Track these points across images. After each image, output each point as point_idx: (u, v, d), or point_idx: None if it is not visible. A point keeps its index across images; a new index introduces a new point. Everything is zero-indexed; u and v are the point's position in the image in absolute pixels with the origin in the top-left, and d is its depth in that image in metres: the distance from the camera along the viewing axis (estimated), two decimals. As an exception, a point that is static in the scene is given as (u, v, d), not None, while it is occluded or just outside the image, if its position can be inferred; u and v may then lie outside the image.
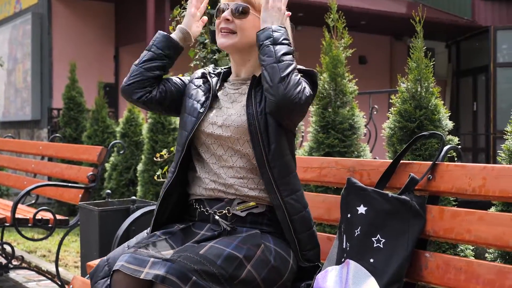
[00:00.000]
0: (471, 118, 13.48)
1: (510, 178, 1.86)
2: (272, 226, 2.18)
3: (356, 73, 12.56)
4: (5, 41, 11.34)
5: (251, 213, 2.17)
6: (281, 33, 2.13)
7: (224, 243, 2.04)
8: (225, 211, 2.16)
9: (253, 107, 2.16)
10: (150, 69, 2.28)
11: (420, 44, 3.79)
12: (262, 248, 2.08)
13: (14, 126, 11.06)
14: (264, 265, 2.06)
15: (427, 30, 13.26)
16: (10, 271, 4.49)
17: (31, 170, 4.88)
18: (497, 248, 1.89)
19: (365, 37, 12.48)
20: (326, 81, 4.29)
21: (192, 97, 2.30)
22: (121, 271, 1.94)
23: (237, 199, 2.17)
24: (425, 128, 3.57)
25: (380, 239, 1.99)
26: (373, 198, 2.04)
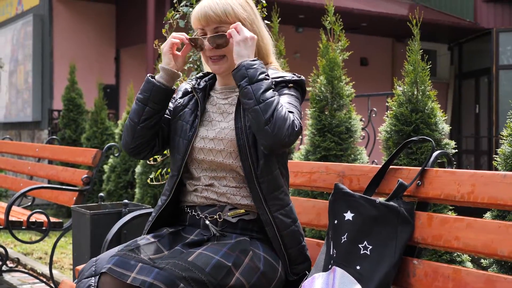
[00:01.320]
0: (473, 121, 13.44)
1: (499, 185, 1.84)
2: (262, 233, 2.17)
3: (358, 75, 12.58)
4: (7, 43, 11.35)
5: (242, 219, 2.16)
6: (255, 68, 2.06)
7: (213, 250, 2.03)
8: (216, 216, 2.15)
9: (242, 121, 2.12)
10: (152, 127, 2.20)
11: (417, 46, 3.77)
12: (251, 255, 2.07)
13: (15, 127, 11.07)
14: (253, 272, 2.05)
15: (429, 32, 13.27)
16: (4, 274, 4.47)
17: (28, 172, 4.86)
18: (485, 256, 1.86)
19: (366, 39, 12.46)
20: (323, 84, 4.27)
21: (181, 118, 2.24)
22: (108, 274, 1.93)
23: (229, 205, 2.16)
24: (421, 132, 3.55)
25: (367, 246, 1.96)
26: (360, 204, 2.02)
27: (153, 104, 2.17)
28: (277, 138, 1.97)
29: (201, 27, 2.16)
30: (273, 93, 2.04)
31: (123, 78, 10.49)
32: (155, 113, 2.18)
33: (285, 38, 5.02)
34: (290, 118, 2.01)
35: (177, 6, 3.32)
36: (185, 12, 3.30)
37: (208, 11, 2.13)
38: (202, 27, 2.16)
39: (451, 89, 13.92)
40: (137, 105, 2.19)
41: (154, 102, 2.17)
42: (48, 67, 10.09)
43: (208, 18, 2.13)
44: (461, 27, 12.61)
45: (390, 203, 2.00)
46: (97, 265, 2.05)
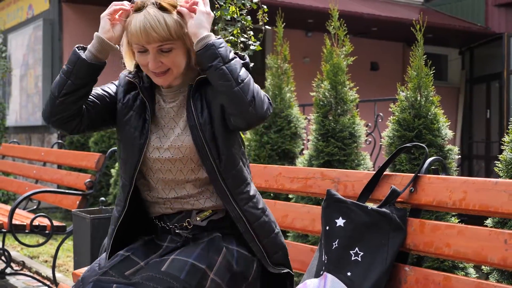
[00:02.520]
0: (484, 126, 13.36)
1: (490, 192, 1.83)
2: (233, 229, 2.13)
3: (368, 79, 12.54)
4: (18, 47, 11.43)
5: (211, 220, 2.14)
6: (224, 46, 1.95)
7: (186, 253, 2.03)
8: (185, 223, 2.13)
9: (195, 119, 2.01)
10: (73, 102, 2.00)
11: (420, 52, 3.76)
12: (224, 252, 2.07)
13: (26, 131, 11.13)
14: (226, 270, 2.05)
15: (440, 36, 13.16)
16: (9, 277, 4.50)
17: (33, 176, 4.90)
18: (476, 263, 1.85)
19: (377, 43, 12.42)
20: (327, 89, 4.27)
21: (128, 123, 2.09)
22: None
23: (195, 210, 2.13)
24: (423, 137, 3.54)
25: (358, 252, 1.96)
26: (352, 210, 2.02)
27: (76, 79, 1.98)
28: (260, 116, 1.93)
29: (137, 42, 1.97)
30: (245, 71, 1.97)
31: (133, 82, 10.48)
32: (78, 87, 1.98)
33: (294, 43, 5.02)
34: (265, 98, 1.99)
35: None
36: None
37: (150, 31, 1.94)
38: (141, 44, 1.97)
39: (462, 93, 13.85)
40: (59, 77, 2.01)
41: (77, 77, 1.98)
42: (58, 71, 10.13)
43: (150, 37, 1.94)
44: (472, 31, 12.55)
45: (382, 210, 2.00)
46: (83, 285, 2.05)
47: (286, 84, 4.89)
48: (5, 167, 5.53)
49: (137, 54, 2.01)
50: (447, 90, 13.92)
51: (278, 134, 4.75)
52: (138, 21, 1.95)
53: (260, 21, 3.43)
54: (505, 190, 1.79)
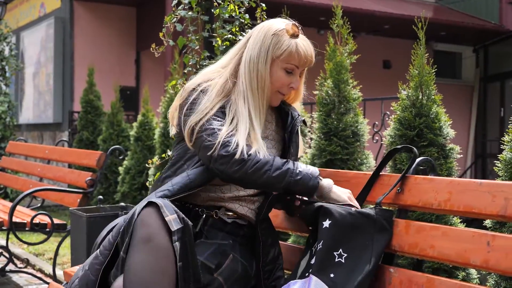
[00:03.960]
0: (498, 124, 13.24)
1: (475, 193, 1.80)
2: (244, 239, 2.20)
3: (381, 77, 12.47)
4: (30, 45, 11.50)
5: (235, 222, 2.18)
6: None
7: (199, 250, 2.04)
8: (213, 213, 2.16)
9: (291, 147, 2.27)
10: None
11: (422, 50, 3.72)
12: (231, 258, 2.10)
13: (38, 128, 11.21)
14: (231, 274, 2.08)
15: (454, 34, 13.06)
16: (12, 274, 4.52)
17: (37, 174, 4.92)
18: (459, 265, 1.82)
19: (389, 41, 12.35)
20: (330, 87, 4.23)
21: None
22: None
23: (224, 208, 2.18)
24: (424, 137, 3.50)
25: (342, 254, 1.94)
26: (337, 212, 1.99)
27: None
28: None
29: (298, 64, 2.17)
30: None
31: (143, 81, 10.53)
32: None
33: None
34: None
35: (175, 10, 3.32)
36: (183, 15, 3.30)
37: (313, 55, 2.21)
38: (297, 66, 2.18)
39: (476, 92, 13.74)
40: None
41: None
42: (69, 69, 10.20)
43: (311, 61, 2.21)
44: (486, 29, 12.44)
45: (366, 211, 1.98)
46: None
47: (290, 82, 4.86)
48: (12, 165, 5.56)
49: (283, 74, 2.17)
50: (461, 88, 13.81)
51: (281, 133, 4.73)
52: (304, 46, 2.17)
53: (258, 19, 3.40)
54: (489, 191, 1.76)
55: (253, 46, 2.17)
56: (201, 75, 2.25)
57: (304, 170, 2.08)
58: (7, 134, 7.96)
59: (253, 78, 2.14)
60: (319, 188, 2.08)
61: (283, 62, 2.15)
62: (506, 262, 1.65)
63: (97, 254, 1.97)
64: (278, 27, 2.16)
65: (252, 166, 2.00)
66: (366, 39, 11.93)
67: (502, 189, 1.73)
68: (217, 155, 2.01)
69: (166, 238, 1.84)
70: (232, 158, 2.00)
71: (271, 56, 2.14)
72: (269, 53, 2.14)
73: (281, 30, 2.15)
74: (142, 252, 1.82)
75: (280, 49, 2.13)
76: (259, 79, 2.14)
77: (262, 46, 2.15)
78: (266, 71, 2.14)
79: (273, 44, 2.14)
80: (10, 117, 8.12)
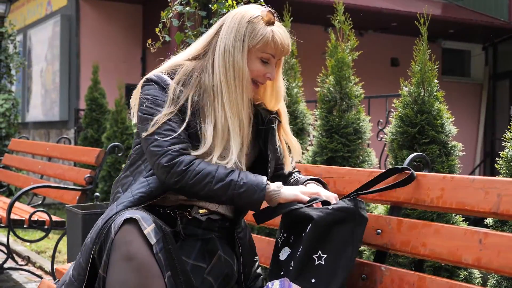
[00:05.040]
0: (507, 122, 13.12)
1: (467, 190, 1.76)
2: (221, 232, 2.13)
3: (388, 75, 12.40)
4: (37, 43, 11.52)
5: (209, 218, 2.11)
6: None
7: (185, 253, 1.99)
8: (186, 213, 2.06)
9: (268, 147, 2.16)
10: None
11: (425, 47, 3.67)
12: (219, 255, 2.05)
13: (44, 126, 11.22)
14: (219, 272, 2.03)
15: (462, 32, 12.94)
16: (11, 271, 4.51)
17: (38, 171, 4.91)
18: (450, 263, 1.78)
19: (397, 39, 12.27)
20: (331, 84, 4.19)
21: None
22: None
23: (196, 206, 2.10)
24: (426, 134, 3.45)
25: (321, 255, 1.85)
26: (315, 213, 1.90)
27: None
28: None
29: (274, 53, 2.02)
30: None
31: (150, 78, 10.48)
32: None
33: (313, 38, 4.94)
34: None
35: (171, 5, 3.28)
36: (180, 10, 3.26)
37: (289, 43, 2.06)
38: (273, 55, 2.03)
39: (485, 90, 13.64)
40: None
41: None
42: (75, 67, 10.19)
43: (288, 50, 2.05)
44: (495, 26, 12.34)
45: (343, 206, 1.90)
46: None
47: (293, 79, 4.82)
48: (13, 162, 5.56)
49: (259, 63, 2.03)
50: (470, 86, 13.71)
51: (284, 131, 4.69)
52: (280, 34, 2.02)
53: (256, 15, 3.36)
54: (481, 188, 1.71)
55: (227, 35, 2.02)
56: (166, 66, 2.13)
57: (250, 181, 1.90)
58: (11, 131, 7.97)
59: (228, 69, 1.99)
60: (267, 197, 1.93)
61: (259, 51, 2.01)
62: (498, 261, 1.61)
63: (71, 280, 1.89)
64: (253, 13, 2.02)
65: (192, 177, 1.88)
66: (374, 36, 11.86)
67: (495, 185, 1.69)
68: (159, 163, 1.90)
69: (148, 253, 1.77)
70: (172, 169, 1.89)
71: (247, 45, 2.00)
72: (245, 42, 1.99)
73: (256, 17, 2.01)
74: (123, 272, 1.75)
75: (256, 38, 1.99)
76: (236, 71, 1.99)
77: (237, 34, 2.00)
78: (244, 61, 1.99)
79: (249, 32, 1.99)
80: (14, 115, 8.13)
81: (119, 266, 1.76)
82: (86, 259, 1.87)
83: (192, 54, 2.11)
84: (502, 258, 1.59)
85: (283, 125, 2.21)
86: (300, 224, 1.92)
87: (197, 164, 1.90)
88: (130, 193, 1.97)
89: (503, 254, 1.59)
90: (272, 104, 2.16)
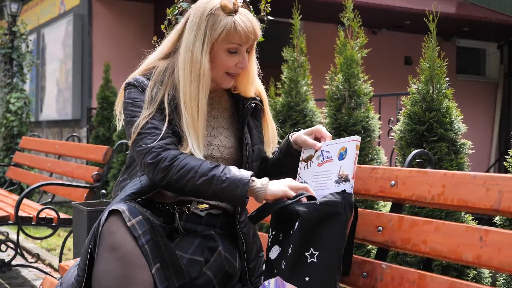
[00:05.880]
0: (522, 121, 13.04)
1: (468, 186, 1.72)
2: (223, 229, 2.12)
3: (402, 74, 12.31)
4: (50, 42, 11.58)
5: (209, 213, 2.10)
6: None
7: (182, 248, 1.98)
8: (185, 208, 2.07)
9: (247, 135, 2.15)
10: None
11: (434, 43, 3.64)
12: (219, 251, 2.04)
13: (58, 125, 11.27)
14: (219, 268, 2.03)
15: (477, 30, 12.87)
16: (19, 269, 4.53)
17: (48, 169, 4.93)
18: (451, 261, 1.75)
19: (410, 37, 12.19)
20: (340, 82, 4.16)
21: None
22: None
23: (195, 201, 2.09)
24: (434, 131, 3.42)
25: (313, 253, 1.81)
26: (301, 210, 1.86)
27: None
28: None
29: (240, 42, 2.00)
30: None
31: (162, 77, 10.49)
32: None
33: (327, 37, 4.91)
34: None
35: (177, 2, 3.28)
36: (185, 8, 3.25)
37: (256, 29, 2.02)
38: (240, 43, 2.01)
39: (500, 88, 13.52)
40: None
41: None
42: (87, 66, 10.23)
43: (255, 37, 2.02)
44: (510, 24, 12.22)
45: (331, 200, 1.85)
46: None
47: (302, 77, 4.80)
48: (24, 160, 5.59)
49: (226, 55, 2.02)
50: (485, 85, 13.60)
51: (293, 128, 4.67)
52: (243, 22, 1.99)
53: (262, 12, 3.35)
54: (483, 184, 1.68)
55: (190, 31, 2.01)
56: (142, 68, 2.13)
57: (233, 176, 1.87)
58: (23, 130, 8.01)
59: (187, 67, 1.98)
60: (251, 192, 1.89)
61: (224, 42, 1.99)
62: (499, 258, 1.58)
63: (73, 282, 1.91)
64: (214, 5, 1.99)
65: (176, 173, 1.88)
66: (387, 35, 11.80)
67: (496, 182, 1.66)
68: (145, 162, 1.92)
69: (132, 244, 1.79)
70: (157, 166, 1.89)
71: (209, 40, 1.98)
72: (206, 37, 1.97)
73: (216, 8, 1.98)
74: (107, 261, 1.78)
75: (217, 31, 1.97)
76: (194, 67, 1.97)
77: (198, 30, 1.99)
78: (204, 57, 1.97)
79: (210, 27, 1.97)
80: (26, 113, 8.17)
81: (103, 256, 1.78)
82: (84, 259, 1.89)
83: (164, 52, 2.12)
84: (503, 256, 1.56)
85: (266, 112, 2.22)
86: (288, 222, 1.89)
87: (181, 159, 1.90)
88: (123, 193, 2.00)
89: (503, 252, 1.56)
90: (248, 89, 2.16)
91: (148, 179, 1.96)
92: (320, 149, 2.03)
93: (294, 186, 1.93)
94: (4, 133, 7.90)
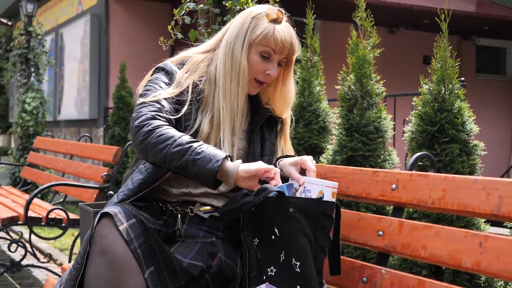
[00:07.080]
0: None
1: (469, 190, 1.68)
2: (226, 233, 2.08)
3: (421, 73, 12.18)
4: (68, 42, 11.65)
5: (213, 216, 2.07)
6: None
7: (181, 253, 1.95)
8: (188, 210, 2.05)
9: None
10: None
11: (446, 43, 3.58)
12: (219, 257, 2.01)
13: (75, 124, 11.34)
14: (219, 274, 1.99)
15: (497, 29, 12.71)
16: (31, 269, 4.55)
17: (60, 169, 4.95)
18: (450, 267, 1.71)
19: (429, 36, 12.08)
20: (352, 82, 4.12)
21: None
22: None
23: (199, 203, 2.08)
24: (446, 133, 3.37)
25: (295, 263, 1.77)
26: (282, 218, 1.82)
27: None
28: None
29: (274, 48, 2.08)
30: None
31: (179, 77, 10.51)
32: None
33: (344, 36, 4.86)
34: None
35: (184, 2, 3.26)
36: (192, 8, 3.23)
37: (294, 41, 2.10)
38: (274, 51, 2.08)
39: (521, 88, 13.36)
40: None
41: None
42: (104, 65, 10.27)
43: (291, 49, 2.10)
44: (530, 23, 12.08)
45: (305, 207, 1.82)
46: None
47: (316, 77, 4.76)
48: (37, 160, 5.62)
49: (258, 58, 2.09)
50: (506, 84, 13.43)
51: (305, 128, 4.64)
52: (283, 31, 2.08)
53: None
54: (483, 189, 1.64)
55: (233, 30, 2.10)
56: (177, 56, 2.21)
57: (208, 151, 1.84)
58: (38, 129, 8.06)
59: (227, 61, 2.06)
60: (223, 172, 1.83)
61: (259, 45, 2.06)
62: (498, 265, 1.53)
63: (70, 269, 1.91)
64: (260, 11, 2.10)
65: (155, 138, 1.86)
66: (406, 34, 11.70)
67: (496, 186, 1.61)
68: (133, 125, 1.94)
69: (123, 247, 1.77)
70: (141, 129, 1.90)
71: (248, 40, 2.06)
72: (246, 37, 2.06)
73: (261, 14, 2.09)
74: (97, 265, 1.77)
75: (256, 32, 2.06)
76: (233, 62, 2.05)
77: (240, 29, 2.08)
78: (243, 54, 2.05)
79: (251, 28, 2.07)
80: (42, 113, 8.21)
81: (93, 259, 1.78)
82: (81, 260, 1.87)
83: (204, 48, 2.20)
84: (502, 263, 1.52)
85: (285, 132, 2.27)
86: (262, 228, 1.88)
87: (165, 128, 1.90)
88: (130, 182, 2.02)
89: (502, 258, 1.52)
90: (280, 108, 2.23)
91: (132, 142, 1.97)
92: (303, 184, 2.00)
93: (266, 166, 1.90)
94: (20, 133, 7.95)
